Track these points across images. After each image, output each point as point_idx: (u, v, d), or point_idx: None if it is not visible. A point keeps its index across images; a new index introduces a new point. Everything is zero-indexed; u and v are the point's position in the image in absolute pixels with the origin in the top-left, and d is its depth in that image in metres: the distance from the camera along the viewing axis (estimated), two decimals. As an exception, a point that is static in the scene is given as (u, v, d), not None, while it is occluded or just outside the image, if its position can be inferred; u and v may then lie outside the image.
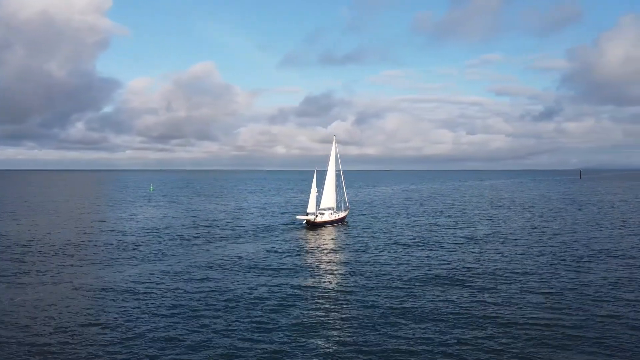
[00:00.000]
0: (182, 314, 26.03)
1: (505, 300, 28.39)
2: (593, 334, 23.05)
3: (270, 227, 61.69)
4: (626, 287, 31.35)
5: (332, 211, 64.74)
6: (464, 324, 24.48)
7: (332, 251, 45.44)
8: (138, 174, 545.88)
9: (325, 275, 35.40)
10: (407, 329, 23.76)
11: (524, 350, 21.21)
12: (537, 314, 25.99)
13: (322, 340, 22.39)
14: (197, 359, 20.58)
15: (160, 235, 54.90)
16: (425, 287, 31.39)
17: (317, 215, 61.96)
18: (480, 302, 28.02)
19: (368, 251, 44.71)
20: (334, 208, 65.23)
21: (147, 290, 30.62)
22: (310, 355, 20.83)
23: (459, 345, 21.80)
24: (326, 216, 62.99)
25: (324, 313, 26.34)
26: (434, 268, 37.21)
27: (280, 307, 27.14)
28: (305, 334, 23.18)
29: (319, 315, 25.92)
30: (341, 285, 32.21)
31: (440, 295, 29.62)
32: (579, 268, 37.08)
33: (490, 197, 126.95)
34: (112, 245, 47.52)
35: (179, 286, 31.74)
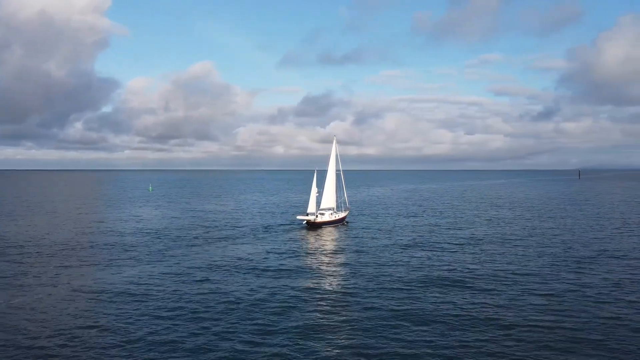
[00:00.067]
0: (182, 316, 25.86)
1: (506, 302, 28.25)
2: (596, 337, 22.91)
3: (270, 228, 61.52)
4: (628, 289, 31.23)
5: (333, 211, 64.59)
6: (466, 326, 24.33)
7: (333, 252, 45.28)
8: (137, 174, 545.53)
9: (326, 277, 35.24)
10: (409, 332, 23.61)
11: (527, 353, 21.06)
12: (539, 316, 25.85)
13: (323, 343, 22.24)
14: (197, 362, 20.41)
15: (159, 235, 54.71)
16: (426, 289, 31.25)
17: (317, 216, 61.81)
18: (481, 304, 27.88)
19: (368, 252, 44.57)
20: (334, 208, 65.08)
21: (147, 292, 30.44)
22: (311, 359, 20.67)
23: (460, 347, 21.65)
24: (326, 216, 62.83)
25: (325, 315, 26.17)
26: (435, 269, 37.07)
27: (280, 309, 26.97)
28: (306, 336, 23.02)
29: (320, 318, 25.76)
30: (342, 287, 32.06)
31: (441, 296, 29.48)
32: (579, 269, 36.96)
33: (489, 197, 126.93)
34: (111, 246, 47.32)
35: (178, 288, 31.56)
